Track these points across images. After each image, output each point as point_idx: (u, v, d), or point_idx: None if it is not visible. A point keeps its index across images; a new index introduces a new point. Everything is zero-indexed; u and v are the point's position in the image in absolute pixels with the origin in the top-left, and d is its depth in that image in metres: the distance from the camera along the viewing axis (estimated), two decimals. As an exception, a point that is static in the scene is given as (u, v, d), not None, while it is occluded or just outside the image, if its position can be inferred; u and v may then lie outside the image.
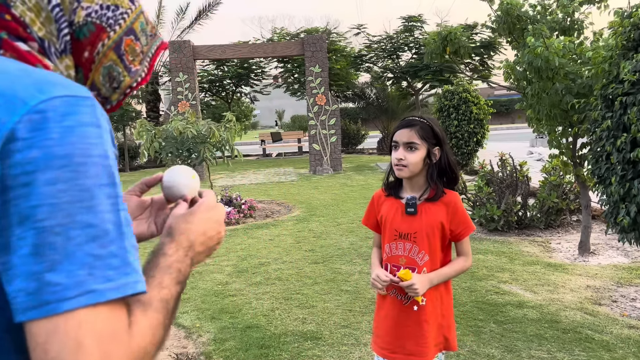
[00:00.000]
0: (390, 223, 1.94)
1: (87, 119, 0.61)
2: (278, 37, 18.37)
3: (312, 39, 13.41)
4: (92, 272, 0.58)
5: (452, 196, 1.91)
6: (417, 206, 1.89)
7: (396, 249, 1.92)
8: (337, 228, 6.71)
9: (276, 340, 3.36)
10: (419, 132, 1.84)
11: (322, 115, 13.51)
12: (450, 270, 1.91)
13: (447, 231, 1.90)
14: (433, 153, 1.88)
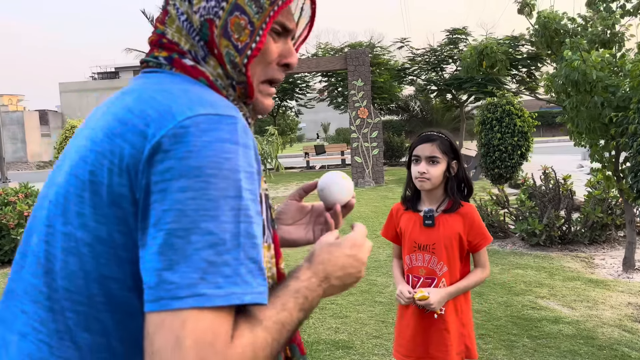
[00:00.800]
0: (409, 235, 2.02)
1: (225, 135, 0.67)
2: (322, 52, 18.67)
3: (355, 53, 13.57)
4: (204, 276, 0.62)
5: (468, 208, 1.99)
6: (434, 218, 1.96)
7: (416, 260, 1.99)
8: (375, 240, 6.74)
9: (308, 348, 3.46)
10: (440, 146, 1.92)
11: (364, 128, 13.60)
12: (467, 282, 1.98)
13: (465, 242, 1.96)
14: (452, 166, 1.96)
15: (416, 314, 1.98)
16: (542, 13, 4.58)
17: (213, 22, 0.80)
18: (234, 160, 0.67)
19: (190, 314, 0.61)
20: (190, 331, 0.61)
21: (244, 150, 0.69)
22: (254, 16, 0.81)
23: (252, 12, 0.81)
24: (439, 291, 1.91)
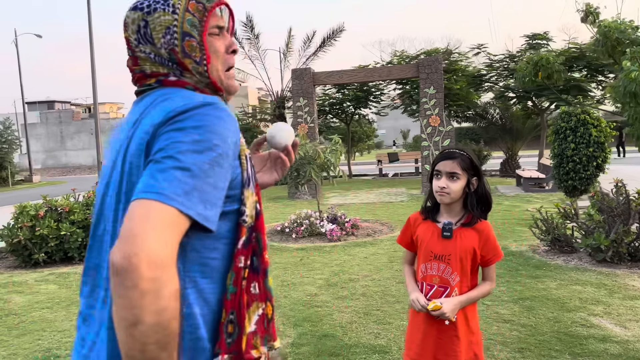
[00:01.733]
0: (426, 244, 2.11)
1: (211, 112, 1.00)
2: (398, 60, 18.67)
3: (427, 61, 13.51)
4: (170, 186, 0.91)
5: (484, 225, 2.07)
6: (452, 231, 2.06)
7: (431, 269, 2.08)
8: (434, 250, 6.77)
9: (347, 350, 3.63)
10: (460, 163, 2.03)
11: (435, 136, 13.48)
12: (477, 293, 2.08)
13: (478, 256, 2.06)
14: (472, 183, 2.06)
15: (427, 320, 2.06)
16: (603, 22, 4.44)
17: (175, 50, 1.11)
18: (215, 126, 0.99)
19: (158, 205, 0.90)
20: (157, 213, 0.89)
21: (221, 122, 1.01)
22: (198, 36, 1.12)
23: (196, 33, 1.11)
24: (451, 300, 2.01)
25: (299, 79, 14.11)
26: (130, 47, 1.15)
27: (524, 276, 5.35)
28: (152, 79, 1.13)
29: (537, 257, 6.15)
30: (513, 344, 3.65)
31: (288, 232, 8.13)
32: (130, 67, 1.15)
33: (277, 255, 6.86)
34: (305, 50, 19.71)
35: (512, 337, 3.76)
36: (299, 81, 14.10)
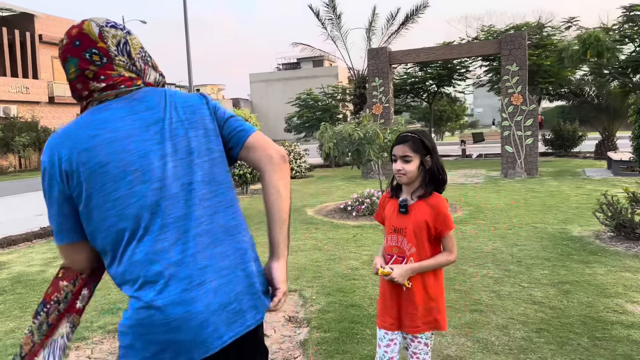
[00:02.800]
0: (388, 219, 2.33)
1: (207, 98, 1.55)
2: (485, 36, 17.98)
3: (510, 36, 12.94)
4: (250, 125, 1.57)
5: (437, 199, 2.22)
6: (408, 207, 2.25)
7: (391, 241, 2.29)
8: (490, 232, 6.72)
9: (368, 319, 3.86)
10: (411, 146, 2.20)
11: (517, 115, 12.96)
12: (430, 262, 2.22)
13: (432, 229, 2.21)
14: (426, 161, 2.22)
15: (391, 287, 2.28)
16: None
17: (147, 63, 1.54)
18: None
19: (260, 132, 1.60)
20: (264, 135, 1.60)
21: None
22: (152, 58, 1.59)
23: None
24: (402, 267, 2.20)
25: (375, 58, 14.14)
26: (107, 55, 1.41)
27: (574, 261, 5.21)
28: (138, 82, 1.47)
29: (597, 242, 5.92)
30: (534, 324, 3.68)
31: (349, 210, 8.40)
32: (103, 72, 1.42)
33: (332, 231, 7.17)
34: (388, 28, 19.56)
35: (535, 318, 3.78)
36: (374, 61, 14.14)
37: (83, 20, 1.45)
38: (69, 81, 1.43)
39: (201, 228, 1.37)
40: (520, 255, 5.53)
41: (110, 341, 3.70)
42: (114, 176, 1.31)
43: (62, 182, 1.34)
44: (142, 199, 1.32)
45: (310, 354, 3.34)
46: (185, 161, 1.38)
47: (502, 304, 4.12)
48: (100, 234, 1.34)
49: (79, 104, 1.49)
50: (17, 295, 4.91)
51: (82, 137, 1.33)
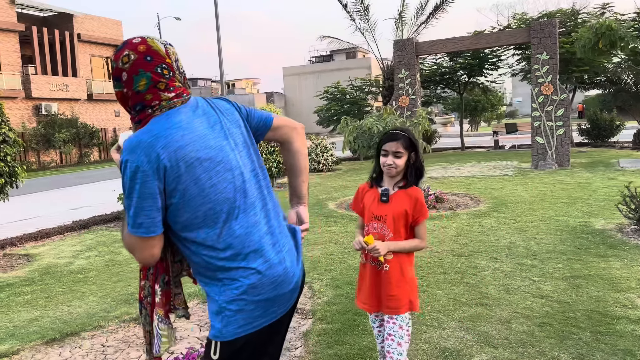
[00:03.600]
0: (369, 208, 2.50)
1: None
2: (517, 24, 17.54)
3: (540, 24, 12.62)
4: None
5: (415, 191, 2.43)
6: (389, 196, 2.43)
7: (372, 227, 2.47)
8: (509, 226, 6.64)
9: (371, 312, 3.93)
10: (402, 143, 2.40)
11: (548, 105, 12.65)
12: (404, 244, 2.41)
13: (410, 216, 2.41)
14: (411, 157, 2.43)
15: (370, 271, 2.45)
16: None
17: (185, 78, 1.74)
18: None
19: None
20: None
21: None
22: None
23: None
24: (381, 243, 2.38)
25: (401, 49, 14.03)
26: (172, 69, 1.61)
27: (590, 254, 5.12)
28: (189, 90, 1.69)
29: (619, 236, 5.78)
30: (537, 318, 3.66)
31: (370, 203, 8.42)
32: (171, 83, 1.61)
33: (351, 225, 7.23)
34: (417, 18, 19.32)
35: (539, 312, 3.77)
36: (400, 52, 14.03)
37: (141, 37, 1.60)
38: (136, 92, 1.56)
39: (270, 204, 1.74)
40: (537, 249, 5.47)
41: (124, 330, 3.90)
42: (205, 167, 1.54)
43: (159, 178, 1.49)
44: (232, 183, 1.60)
45: (311, 344, 3.43)
46: (245, 152, 1.69)
47: (509, 297, 4.11)
48: (197, 220, 1.56)
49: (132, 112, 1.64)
50: (44, 286, 5.19)
51: (174, 137, 1.52)
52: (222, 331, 1.59)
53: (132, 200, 1.49)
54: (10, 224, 8.73)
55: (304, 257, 5.57)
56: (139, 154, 1.47)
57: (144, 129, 1.53)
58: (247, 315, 1.60)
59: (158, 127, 1.53)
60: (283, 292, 1.67)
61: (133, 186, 1.48)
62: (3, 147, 5.68)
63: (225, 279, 1.60)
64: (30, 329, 3.99)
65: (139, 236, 1.51)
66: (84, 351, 3.55)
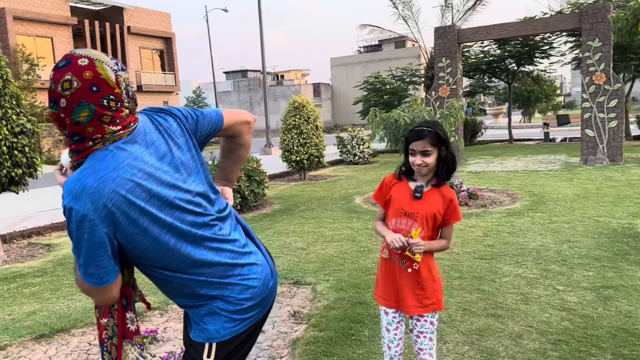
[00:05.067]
0: (398, 203, 2.34)
1: None
2: (571, 9, 16.50)
3: (592, 9, 11.75)
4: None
5: (449, 191, 2.32)
6: (423, 193, 2.31)
7: (400, 224, 2.32)
8: (543, 226, 6.16)
9: (370, 320, 3.65)
10: (429, 140, 2.24)
11: (599, 96, 11.79)
12: (435, 244, 2.32)
13: (440, 217, 2.30)
14: (442, 152, 2.28)
15: (395, 269, 2.33)
16: None
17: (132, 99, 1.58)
18: None
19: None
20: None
21: None
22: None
23: None
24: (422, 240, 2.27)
25: (442, 37, 13.45)
26: (120, 99, 1.41)
27: (627, 262, 4.63)
28: (137, 116, 1.50)
29: (665, 241, 5.22)
30: (553, 334, 3.28)
31: (398, 199, 8.08)
32: (118, 115, 1.41)
33: (372, 222, 6.93)
34: (464, 5, 18.53)
35: (557, 328, 3.38)
36: (441, 40, 13.45)
37: (88, 59, 1.38)
38: (76, 123, 1.37)
39: (229, 215, 1.70)
40: (568, 253, 5.00)
41: (115, 328, 3.79)
42: (159, 206, 1.42)
43: (109, 226, 1.36)
44: (190, 217, 1.50)
45: (296, 354, 3.20)
46: (196, 178, 1.55)
47: (526, 309, 3.72)
48: (164, 258, 1.48)
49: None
50: (54, 278, 5.21)
51: (123, 179, 1.37)
52: (220, 332, 1.55)
53: (81, 249, 1.36)
54: (42, 213, 8.96)
55: (315, 256, 5.41)
56: (85, 201, 1.32)
57: (87, 169, 1.36)
58: (259, 314, 1.63)
59: (104, 167, 1.36)
60: (274, 286, 1.72)
61: (80, 236, 1.34)
62: (21, 137, 5.73)
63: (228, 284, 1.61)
64: (25, 324, 3.96)
65: (91, 285, 1.42)
66: (69, 349, 3.47)
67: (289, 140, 11.31)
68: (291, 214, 7.87)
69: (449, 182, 2.38)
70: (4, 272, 5.52)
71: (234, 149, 1.88)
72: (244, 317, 1.58)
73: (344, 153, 14.99)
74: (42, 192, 11.78)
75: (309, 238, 6.21)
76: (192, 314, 1.60)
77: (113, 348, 1.57)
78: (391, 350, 2.40)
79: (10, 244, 6.81)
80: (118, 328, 1.56)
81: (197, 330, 1.57)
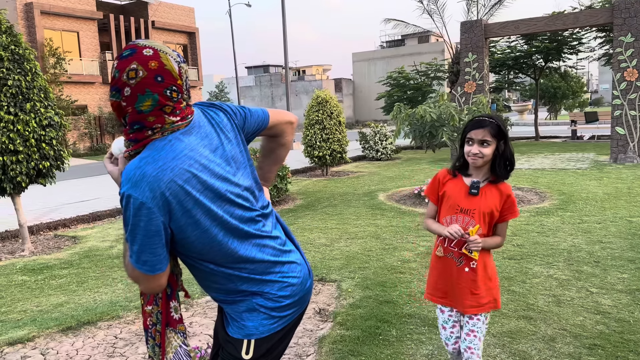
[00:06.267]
0: (453, 199, 2.30)
1: None
2: (601, 3, 16.08)
3: (624, 3, 11.40)
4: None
5: (506, 187, 2.29)
6: (479, 189, 2.25)
7: (456, 221, 2.28)
8: (574, 226, 5.99)
9: (398, 319, 3.58)
10: (490, 130, 2.18)
11: (631, 93, 11.46)
12: (491, 241, 2.29)
13: (497, 213, 2.27)
14: (500, 146, 2.22)
15: (451, 267, 2.31)
16: None
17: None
18: None
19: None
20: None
21: None
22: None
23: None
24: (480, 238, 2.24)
25: (469, 32, 13.22)
26: (181, 91, 1.45)
27: (665, 264, 4.46)
28: (192, 109, 1.53)
29: (703, 243, 5.02)
30: (588, 338, 3.17)
31: (423, 196, 7.97)
32: (178, 106, 1.45)
33: (396, 218, 6.84)
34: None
35: (592, 331, 3.26)
36: (468, 34, 13.23)
37: (153, 49, 1.40)
38: (138, 111, 1.39)
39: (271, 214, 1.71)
40: (601, 254, 4.85)
41: (140, 322, 3.80)
42: (212, 198, 1.44)
43: (165, 215, 1.37)
44: (239, 211, 1.52)
45: (323, 352, 3.15)
46: (244, 172, 1.57)
47: (559, 311, 3.61)
48: (212, 251, 1.49)
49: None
50: (80, 270, 5.25)
51: (181, 169, 1.39)
52: (258, 328, 1.55)
53: (136, 237, 1.38)
54: (68, 205, 9.08)
55: (339, 252, 5.35)
56: (144, 189, 1.34)
57: (146, 157, 1.38)
58: (297, 312, 1.63)
59: (163, 156, 1.39)
60: (310, 287, 1.71)
61: (137, 223, 1.36)
62: (49, 130, 5.78)
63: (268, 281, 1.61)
64: (53, 315, 3.99)
65: (144, 272, 1.42)
66: (95, 342, 3.48)
67: (312, 135, 11.25)
68: (314, 210, 7.82)
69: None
70: (32, 263, 5.60)
71: (274, 149, 1.88)
72: (282, 315, 1.58)
73: (367, 149, 14.88)
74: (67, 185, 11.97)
75: (333, 234, 6.15)
76: (230, 310, 1.59)
77: (157, 334, 1.60)
78: (449, 347, 2.43)
79: (37, 236, 6.91)
80: (162, 316, 1.60)
81: (235, 326, 1.57)
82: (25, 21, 24.72)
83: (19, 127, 5.51)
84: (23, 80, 5.59)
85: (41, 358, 3.28)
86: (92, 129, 26.51)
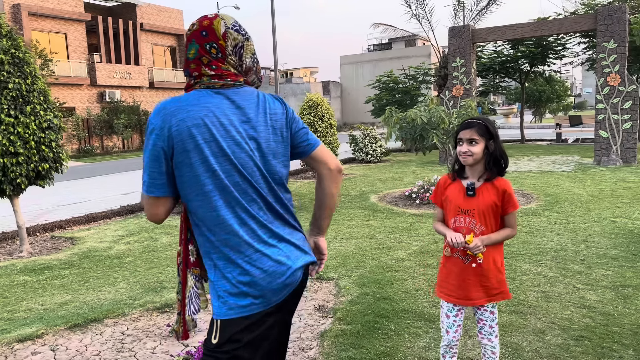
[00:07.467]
0: (454, 202, 2.46)
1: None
2: (585, 9, 16.46)
3: (607, 10, 11.74)
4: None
5: (502, 182, 2.41)
6: (475, 189, 2.41)
7: (459, 222, 2.44)
8: (560, 226, 6.22)
9: (395, 315, 3.74)
10: (477, 130, 2.37)
11: (614, 97, 11.79)
12: (497, 236, 2.40)
13: (499, 208, 2.40)
14: (490, 145, 2.37)
15: (458, 264, 2.44)
16: None
17: (251, 68, 1.75)
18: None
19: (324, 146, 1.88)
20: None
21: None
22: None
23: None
24: (478, 238, 2.37)
25: (456, 37, 13.48)
26: (223, 52, 1.67)
27: (646, 262, 4.68)
28: (241, 79, 1.70)
29: (682, 242, 5.26)
30: (576, 331, 3.36)
31: (414, 198, 8.16)
32: (215, 62, 1.66)
33: (389, 219, 7.02)
34: (477, 4, 18.55)
35: (579, 324, 3.45)
36: (456, 40, 13.49)
37: (216, 14, 1.70)
38: (186, 59, 1.69)
39: (276, 204, 1.73)
40: (586, 253, 5.07)
41: (146, 319, 3.91)
42: (214, 152, 1.57)
43: (167, 145, 1.56)
44: (235, 177, 1.61)
45: (326, 346, 3.30)
46: (264, 159, 1.67)
47: (547, 306, 3.80)
48: (196, 199, 1.61)
49: (184, 82, 1.70)
50: (80, 270, 5.34)
51: (195, 115, 1.57)
52: (220, 309, 1.61)
53: (144, 157, 1.61)
54: (64, 207, 9.12)
55: (335, 252, 5.50)
56: (157, 118, 1.57)
57: (176, 98, 1.62)
58: (239, 297, 1.66)
59: (187, 100, 1.60)
60: (280, 286, 1.66)
61: (147, 145, 1.59)
62: (48, 133, 5.86)
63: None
64: (59, 313, 4.09)
65: (143, 192, 1.64)
66: (103, 338, 3.59)
67: (304, 138, 11.38)
68: (307, 211, 7.97)
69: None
70: (31, 264, 5.67)
71: (320, 196, 1.88)
72: (240, 304, 1.59)
73: (357, 151, 15.07)
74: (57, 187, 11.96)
75: (327, 235, 6.30)
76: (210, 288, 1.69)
77: (181, 273, 1.81)
78: (449, 335, 2.53)
79: (34, 237, 6.97)
80: (182, 256, 1.79)
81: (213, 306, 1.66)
82: (12, 22, 24.53)
83: (19, 130, 5.58)
84: (23, 84, 5.67)
85: (51, 354, 3.38)
86: (80, 131, 26.37)
